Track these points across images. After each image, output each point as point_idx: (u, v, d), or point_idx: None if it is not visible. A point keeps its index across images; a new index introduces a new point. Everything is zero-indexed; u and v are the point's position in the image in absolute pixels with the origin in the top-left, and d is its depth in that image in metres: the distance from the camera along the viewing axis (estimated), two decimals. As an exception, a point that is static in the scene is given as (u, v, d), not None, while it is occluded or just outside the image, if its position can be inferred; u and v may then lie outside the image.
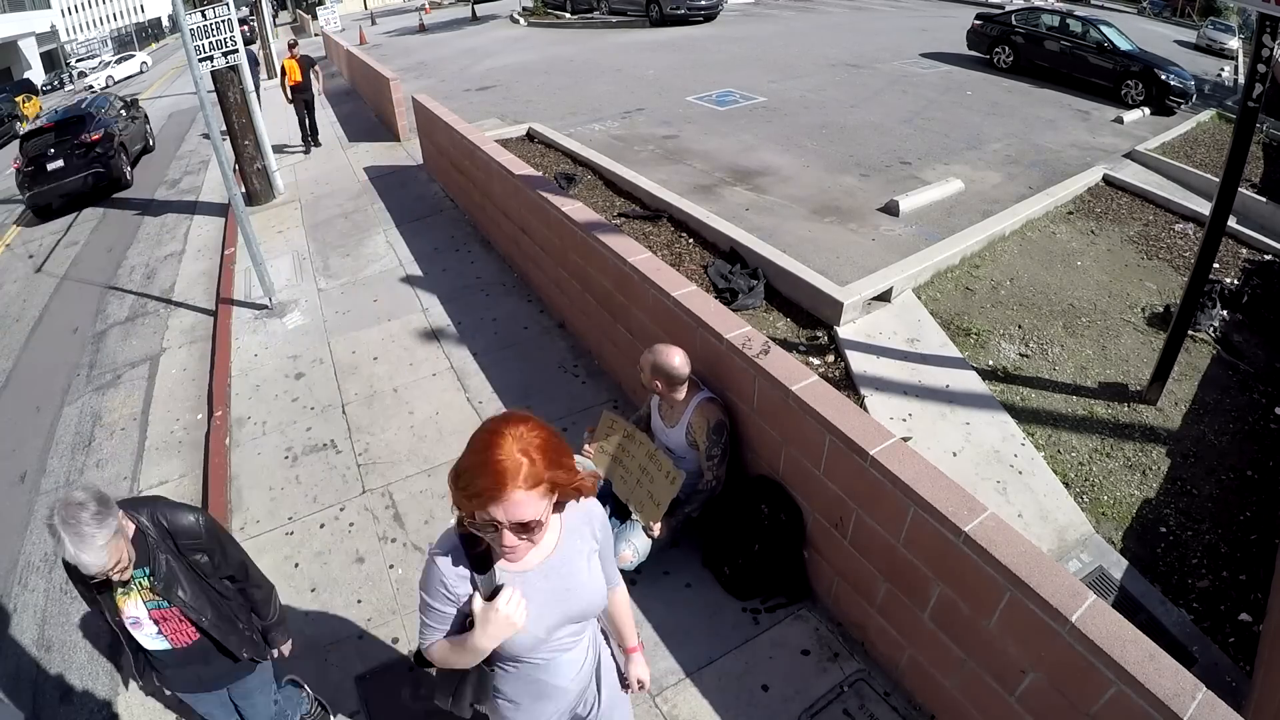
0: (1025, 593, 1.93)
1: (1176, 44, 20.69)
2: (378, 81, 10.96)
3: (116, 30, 52.65)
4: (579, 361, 4.66)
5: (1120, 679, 1.75)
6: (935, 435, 3.91)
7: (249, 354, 5.18)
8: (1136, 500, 3.63)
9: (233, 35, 5.44)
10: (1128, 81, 10.86)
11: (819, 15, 20.76)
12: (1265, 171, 8.52)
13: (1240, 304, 5.27)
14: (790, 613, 2.95)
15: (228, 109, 7.85)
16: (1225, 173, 3.72)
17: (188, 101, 17.10)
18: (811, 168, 7.88)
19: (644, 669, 1.97)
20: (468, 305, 5.47)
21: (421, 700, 2.26)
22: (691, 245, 5.90)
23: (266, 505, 3.73)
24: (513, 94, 12.11)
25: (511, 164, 5.44)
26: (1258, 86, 3.52)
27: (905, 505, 2.26)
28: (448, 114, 7.18)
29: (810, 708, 2.60)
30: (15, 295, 7.51)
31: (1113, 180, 7.35)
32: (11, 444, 4.90)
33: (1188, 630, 3.02)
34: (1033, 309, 5.13)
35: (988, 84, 11.95)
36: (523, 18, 22.49)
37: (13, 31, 36.20)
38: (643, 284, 3.60)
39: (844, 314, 4.72)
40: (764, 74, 12.55)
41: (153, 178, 11.12)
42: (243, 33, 5.93)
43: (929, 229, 6.25)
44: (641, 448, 3.02)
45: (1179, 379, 4.40)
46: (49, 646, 3.25)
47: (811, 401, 2.57)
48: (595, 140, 8.88)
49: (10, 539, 3.98)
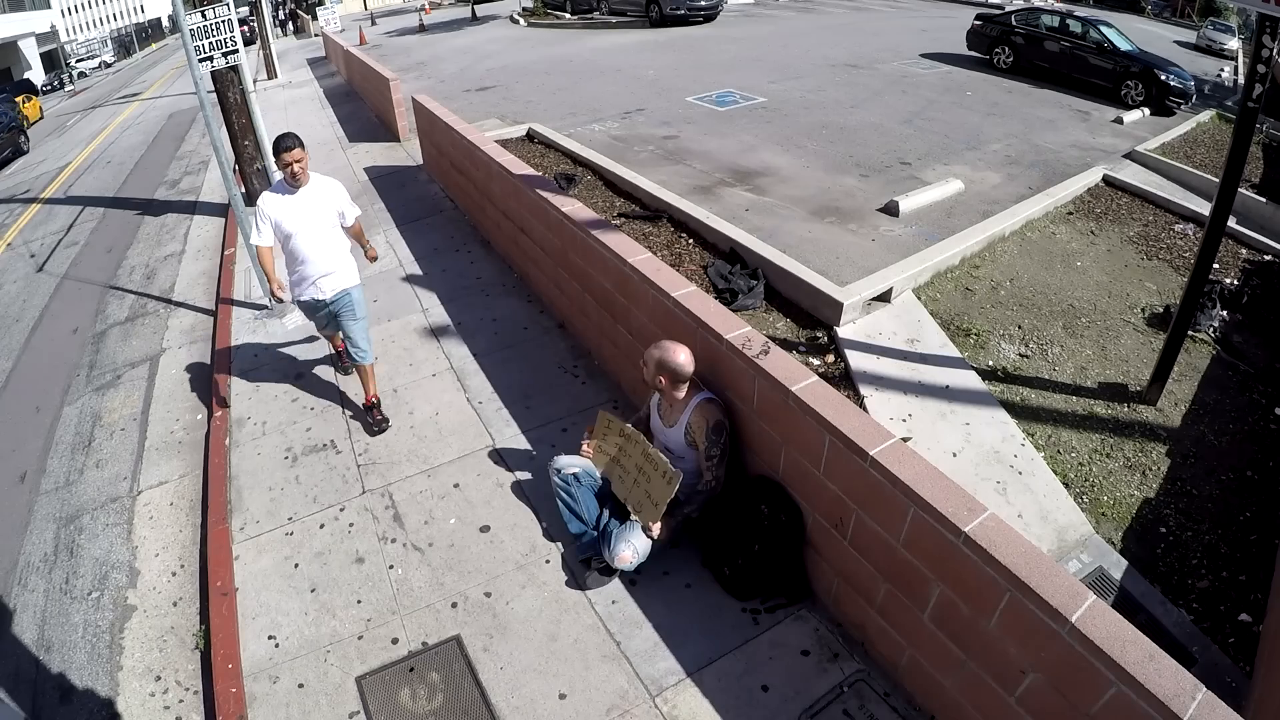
0: (1025, 593, 1.93)
1: (1176, 44, 20.71)
2: (378, 82, 10.95)
3: (116, 30, 52.64)
4: (579, 361, 4.66)
5: (1120, 679, 1.75)
6: (935, 435, 3.91)
7: (249, 354, 5.18)
8: (1136, 500, 3.63)
9: (233, 35, 5.43)
10: (1127, 82, 10.87)
11: (819, 16, 20.77)
12: (1265, 171, 8.53)
13: (1240, 304, 5.28)
14: (790, 613, 2.95)
15: (228, 109, 7.84)
16: (1225, 173, 3.72)
17: (188, 101, 17.10)
18: (811, 168, 7.88)
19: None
20: (468, 305, 5.47)
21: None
22: (691, 246, 5.90)
23: (266, 505, 3.73)
24: (512, 94, 12.11)
25: (511, 164, 5.44)
26: (1258, 87, 3.52)
27: (905, 506, 2.26)
28: (448, 114, 7.18)
29: (810, 708, 2.60)
30: (15, 295, 7.50)
31: (1113, 181, 7.36)
32: (11, 444, 4.90)
33: (1188, 630, 3.03)
34: (1033, 309, 5.13)
35: (988, 84, 11.96)
36: (523, 18, 22.48)
37: (13, 32, 36.22)
38: (642, 284, 3.60)
39: (844, 314, 4.72)
40: (764, 74, 12.55)
41: (153, 178, 11.12)
42: (242, 33, 5.92)
43: (929, 229, 6.26)
44: (637, 448, 3.02)
45: (1179, 379, 4.40)
46: (49, 646, 3.26)
47: (811, 402, 2.57)
48: (595, 141, 8.88)
49: (10, 539, 3.98)
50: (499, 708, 2.67)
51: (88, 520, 3.98)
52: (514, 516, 3.52)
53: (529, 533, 3.43)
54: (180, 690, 2.95)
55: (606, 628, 2.94)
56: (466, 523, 3.51)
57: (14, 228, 10.12)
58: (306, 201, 3.76)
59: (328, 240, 3.86)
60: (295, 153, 3.61)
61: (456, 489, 3.72)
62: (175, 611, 3.32)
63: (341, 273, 3.95)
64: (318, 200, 3.81)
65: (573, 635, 2.93)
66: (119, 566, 3.61)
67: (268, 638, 3.02)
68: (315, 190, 3.82)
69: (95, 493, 4.20)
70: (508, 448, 3.98)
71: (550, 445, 3.90)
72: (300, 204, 3.74)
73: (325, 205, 3.85)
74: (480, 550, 3.35)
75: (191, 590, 3.42)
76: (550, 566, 3.24)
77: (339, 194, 3.92)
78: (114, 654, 3.14)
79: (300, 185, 3.72)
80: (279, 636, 3.02)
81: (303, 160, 3.65)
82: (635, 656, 2.82)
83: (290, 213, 3.72)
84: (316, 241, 3.81)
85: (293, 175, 3.65)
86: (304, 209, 3.74)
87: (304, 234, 3.76)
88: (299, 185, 3.72)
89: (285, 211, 3.73)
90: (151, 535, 3.79)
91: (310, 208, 3.77)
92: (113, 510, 4.02)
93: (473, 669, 2.82)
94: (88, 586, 3.53)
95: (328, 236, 3.86)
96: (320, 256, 3.84)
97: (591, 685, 2.73)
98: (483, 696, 2.71)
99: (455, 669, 2.83)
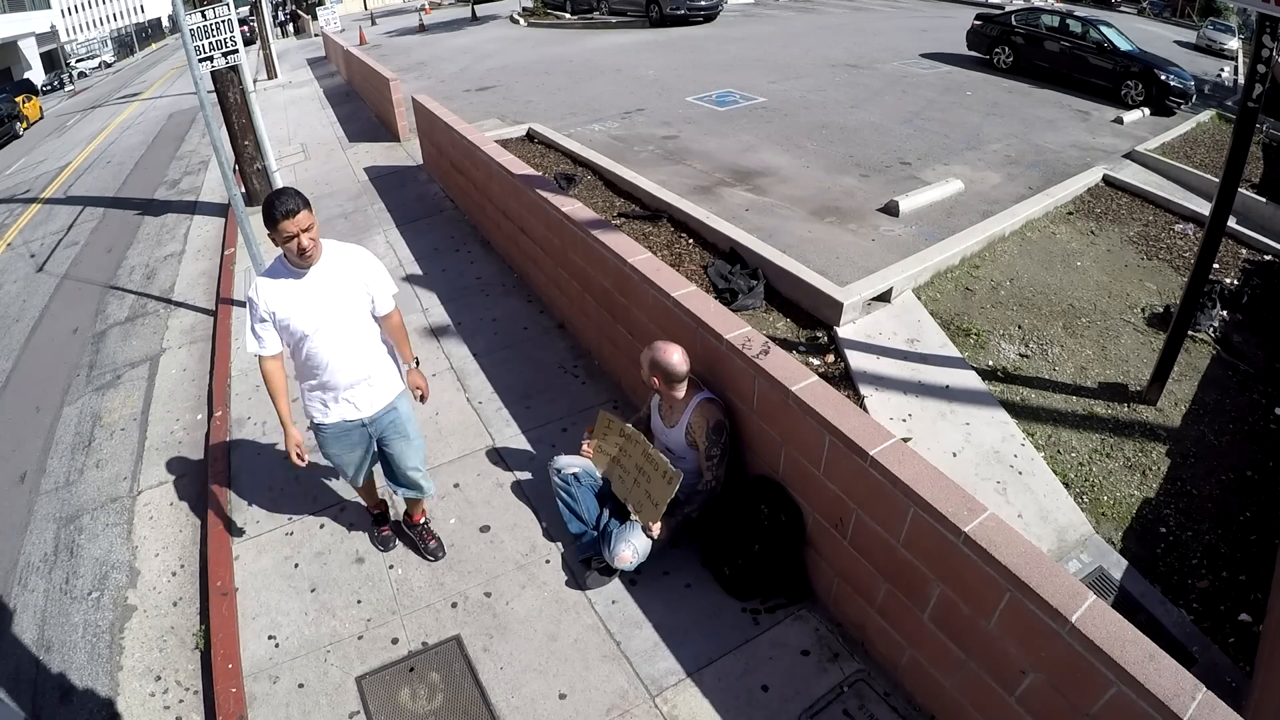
0: (1025, 593, 1.93)
1: (1176, 44, 20.71)
2: (377, 82, 10.95)
3: (116, 30, 52.63)
4: (579, 361, 4.66)
5: (1120, 679, 1.75)
6: (935, 435, 3.91)
7: (249, 354, 5.17)
8: (1136, 500, 3.63)
9: (233, 35, 5.43)
10: (1127, 82, 10.87)
11: (819, 16, 20.77)
12: (1265, 171, 8.53)
13: (1240, 304, 5.28)
14: (790, 613, 2.95)
15: (228, 109, 7.84)
16: (1225, 173, 3.72)
17: (188, 101, 17.11)
18: (811, 168, 7.88)
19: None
20: (467, 305, 5.47)
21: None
22: (691, 245, 5.90)
23: (266, 505, 3.73)
24: (512, 94, 12.11)
25: (511, 164, 5.44)
26: (1258, 86, 3.52)
27: (905, 505, 2.26)
28: (448, 114, 7.18)
29: (810, 708, 2.60)
30: (15, 295, 7.50)
31: (1113, 180, 7.36)
32: (11, 444, 4.90)
33: (1188, 630, 3.03)
34: (1032, 309, 5.13)
35: (987, 84, 11.96)
36: (522, 18, 22.48)
37: (13, 32, 36.20)
38: (642, 284, 3.60)
39: (844, 314, 4.72)
40: (764, 74, 12.55)
41: (153, 178, 11.12)
42: (242, 33, 5.92)
43: (929, 229, 6.26)
44: (637, 448, 3.02)
45: (1179, 379, 4.40)
46: (49, 646, 3.26)
47: (811, 402, 2.57)
48: (595, 140, 8.88)
49: (10, 539, 3.98)
50: (499, 708, 2.67)
51: (88, 520, 3.98)
52: (514, 516, 3.52)
53: (529, 533, 3.43)
54: (180, 690, 2.95)
55: (606, 628, 2.94)
56: (466, 522, 3.51)
57: (14, 228, 10.12)
58: (322, 286, 2.58)
59: (358, 336, 2.72)
60: (301, 218, 2.39)
61: (456, 489, 3.72)
62: (175, 611, 3.32)
63: (382, 379, 2.84)
64: (338, 282, 2.61)
65: (573, 635, 2.93)
66: (119, 566, 3.61)
67: (268, 638, 3.02)
68: (333, 268, 2.61)
69: (95, 493, 4.20)
70: (507, 448, 3.97)
71: (550, 445, 3.90)
72: (313, 290, 2.57)
73: (350, 288, 2.65)
74: (480, 550, 3.35)
75: (191, 590, 3.42)
76: (550, 566, 3.24)
77: (368, 267, 2.71)
78: (114, 654, 3.14)
79: (310, 264, 2.54)
80: (279, 636, 3.02)
81: (313, 228, 2.45)
82: (635, 656, 2.82)
83: (300, 305, 2.56)
84: (342, 340, 2.66)
85: (300, 252, 2.45)
86: (320, 297, 2.58)
87: (323, 332, 2.61)
88: (308, 264, 2.54)
89: (292, 304, 2.55)
90: (151, 535, 3.79)
91: (329, 294, 2.59)
92: (113, 510, 4.02)
93: (473, 669, 2.82)
94: (88, 586, 3.53)
95: (358, 330, 2.72)
96: (349, 360, 2.71)
97: (591, 685, 2.73)
98: (483, 696, 2.71)
99: (455, 669, 2.83)
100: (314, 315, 2.58)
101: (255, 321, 2.61)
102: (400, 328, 2.93)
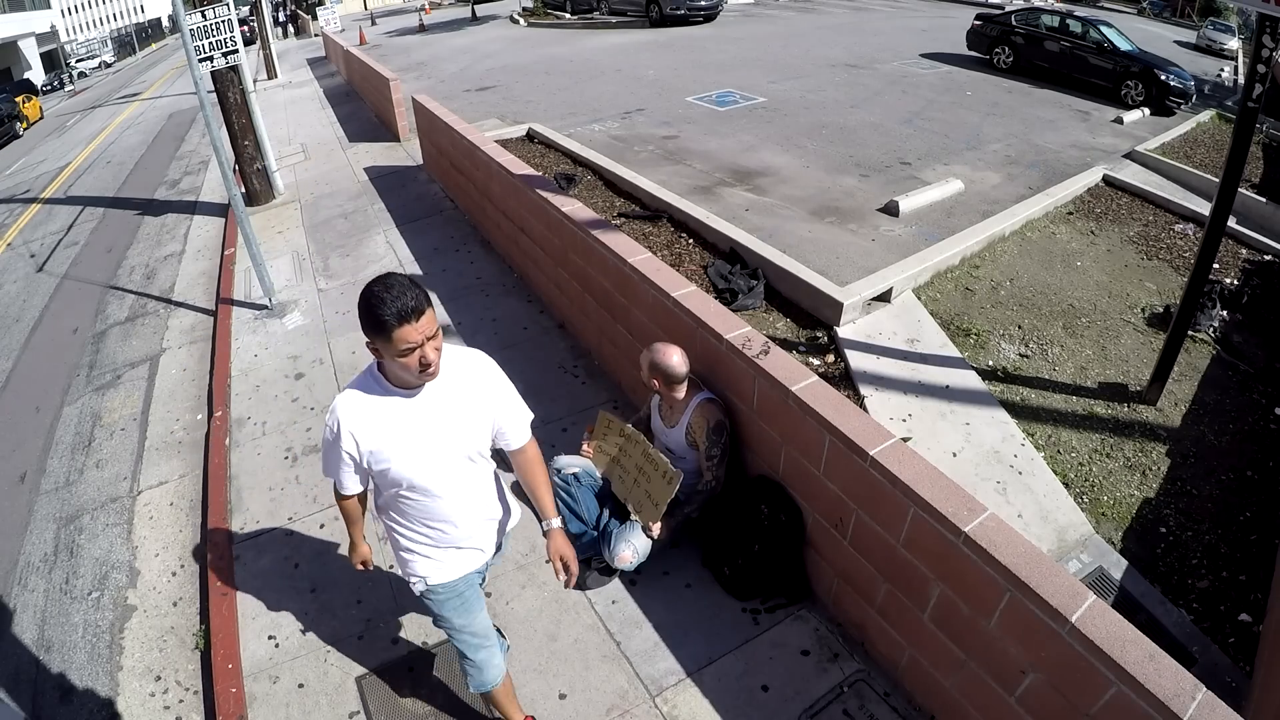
0: (1025, 593, 1.93)
1: (1176, 44, 20.71)
2: (377, 82, 10.95)
3: (116, 30, 52.63)
4: (579, 361, 4.66)
5: (1120, 679, 1.75)
6: (935, 435, 3.91)
7: (249, 354, 5.18)
8: (1136, 500, 3.63)
9: (233, 35, 5.44)
10: (1127, 82, 10.87)
11: (819, 15, 20.77)
12: (1265, 171, 8.53)
13: (1240, 304, 5.28)
14: (790, 613, 2.95)
15: (228, 109, 7.85)
16: (1225, 173, 3.72)
17: (188, 101, 17.11)
18: (811, 168, 7.88)
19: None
20: (468, 305, 5.47)
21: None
22: (691, 246, 5.90)
23: (266, 505, 3.73)
24: (512, 94, 12.11)
25: (511, 164, 5.44)
26: (1258, 86, 3.52)
27: (905, 506, 2.26)
28: (448, 114, 7.18)
29: (810, 708, 2.60)
30: (15, 295, 7.50)
31: (1112, 180, 7.36)
32: (11, 444, 4.90)
33: (1188, 630, 3.03)
34: (1032, 309, 5.13)
35: (987, 84, 11.96)
36: (522, 18, 22.48)
37: (13, 32, 36.21)
38: (642, 284, 3.60)
39: (844, 314, 4.72)
40: (764, 74, 12.55)
41: (153, 178, 11.12)
42: (242, 33, 5.92)
43: (929, 229, 6.26)
44: (637, 448, 3.02)
45: (1179, 379, 4.40)
46: (49, 646, 3.26)
47: (811, 402, 2.57)
48: (595, 140, 8.88)
49: (10, 539, 3.98)
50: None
51: (88, 520, 3.98)
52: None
53: (529, 533, 3.42)
54: (180, 690, 2.95)
55: (606, 628, 2.94)
56: (466, 523, 3.50)
57: (14, 228, 10.12)
58: (439, 412, 1.85)
59: (481, 477, 2.05)
60: (425, 321, 1.65)
61: (456, 489, 3.71)
62: (175, 611, 3.32)
63: (502, 511, 2.21)
64: (461, 406, 1.89)
65: (573, 635, 2.93)
66: (119, 566, 3.61)
67: (268, 638, 3.02)
68: (453, 384, 1.87)
69: (95, 493, 4.20)
70: (508, 448, 3.97)
71: (550, 445, 3.90)
72: (427, 418, 1.83)
73: (476, 415, 1.93)
74: (480, 550, 3.35)
75: (191, 590, 3.42)
76: (550, 566, 3.24)
77: (496, 382, 2.04)
78: (114, 654, 3.14)
79: (430, 379, 1.79)
80: (279, 636, 3.02)
81: (437, 337, 1.72)
82: (635, 656, 2.82)
83: (409, 441, 1.83)
84: (465, 486, 1.98)
85: (424, 367, 1.71)
86: (437, 428, 1.85)
87: (442, 479, 1.90)
88: (427, 380, 1.79)
89: (398, 440, 1.82)
90: (151, 535, 3.79)
91: (448, 424, 1.86)
92: (113, 510, 4.02)
93: (473, 669, 2.81)
94: (88, 586, 3.53)
95: (482, 471, 2.04)
96: (474, 509, 2.05)
97: (591, 685, 2.73)
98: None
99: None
100: (428, 456, 1.85)
101: (336, 453, 1.86)
102: (539, 463, 2.14)
